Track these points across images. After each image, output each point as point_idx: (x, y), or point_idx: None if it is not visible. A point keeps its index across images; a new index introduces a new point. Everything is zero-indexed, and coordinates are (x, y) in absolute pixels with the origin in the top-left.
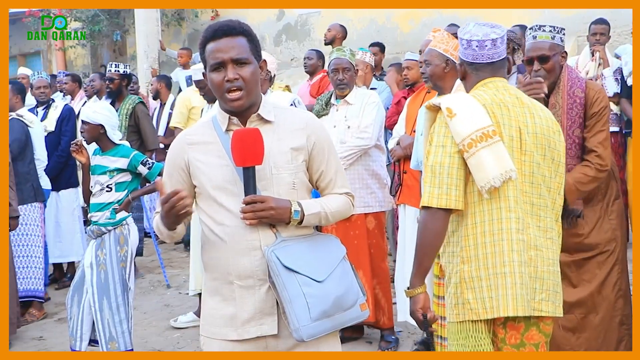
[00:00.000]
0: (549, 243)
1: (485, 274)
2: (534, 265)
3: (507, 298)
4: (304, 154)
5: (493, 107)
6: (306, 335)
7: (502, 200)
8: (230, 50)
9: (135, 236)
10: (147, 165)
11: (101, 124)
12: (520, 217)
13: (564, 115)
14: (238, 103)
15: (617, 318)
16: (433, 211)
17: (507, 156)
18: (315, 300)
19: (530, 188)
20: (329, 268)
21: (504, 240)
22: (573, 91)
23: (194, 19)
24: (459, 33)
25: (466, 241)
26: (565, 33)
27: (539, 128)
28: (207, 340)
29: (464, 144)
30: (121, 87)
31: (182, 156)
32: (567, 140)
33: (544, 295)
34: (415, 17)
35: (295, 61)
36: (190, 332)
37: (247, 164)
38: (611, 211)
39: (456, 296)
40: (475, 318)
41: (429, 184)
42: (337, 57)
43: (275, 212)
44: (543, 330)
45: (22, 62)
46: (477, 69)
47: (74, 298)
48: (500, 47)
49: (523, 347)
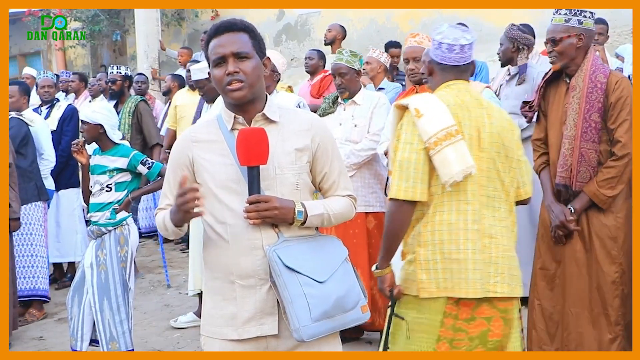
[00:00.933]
0: (504, 231)
1: (441, 257)
2: (488, 251)
3: (461, 282)
4: (308, 155)
5: (456, 108)
6: (306, 336)
7: (460, 194)
8: (231, 45)
9: (136, 236)
10: (147, 164)
11: (100, 124)
12: (476, 208)
13: (583, 99)
14: (239, 94)
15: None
16: (400, 203)
17: (468, 153)
18: (316, 301)
19: (487, 182)
20: (331, 269)
21: (460, 229)
22: (595, 76)
23: (194, 19)
24: (433, 32)
25: (425, 227)
26: (587, 15)
27: (495, 128)
28: (207, 340)
29: (430, 142)
30: (123, 88)
31: (187, 153)
32: (583, 124)
33: (498, 278)
34: (415, 17)
35: (295, 61)
36: (190, 332)
37: (252, 163)
38: (619, 209)
39: (409, 273)
40: (427, 296)
41: (397, 178)
42: (334, 62)
43: (279, 212)
44: (497, 306)
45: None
46: (443, 69)
47: (74, 298)
48: (467, 52)
49: (473, 321)
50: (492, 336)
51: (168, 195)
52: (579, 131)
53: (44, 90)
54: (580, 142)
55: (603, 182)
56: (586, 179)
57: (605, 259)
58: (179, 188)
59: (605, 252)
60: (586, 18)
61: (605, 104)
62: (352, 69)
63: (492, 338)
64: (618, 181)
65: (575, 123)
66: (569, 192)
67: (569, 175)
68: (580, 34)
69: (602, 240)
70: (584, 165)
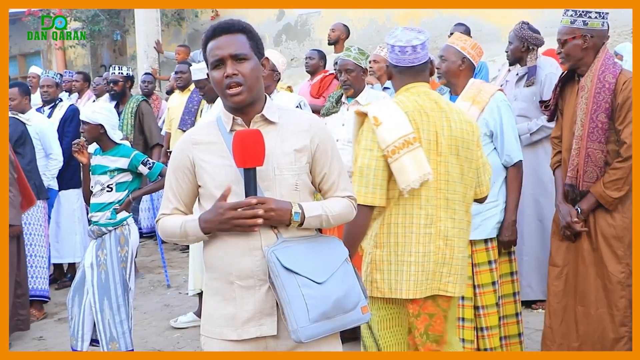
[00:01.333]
0: (461, 233)
1: (395, 259)
2: (443, 252)
3: (409, 283)
4: (307, 155)
5: (414, 114)
6: (304, 337)
7: (415, 199)
8: (229, 47)
9: (136, 236)
10: (148, 165)
11: (101, 124)
12: (429, 213)
13: (590, 99)
14: (238, 98)
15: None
16: (360, 207)
17: (425, 161)
18: (314, 302)
19: (445, 185)
20: (330, 270)
21: (412, 233)
22: (604, 76)
23: (194, 19)
24: (387, 37)
25: (381, 229)
26: (592, 15)
27: (454, 131)
28: (207, 340)
29: (388, 150)
30: (125, 88)
31: (188, 155)
32: (590, 124)
33: (451, 278)
34: (415, 17)
35: (295, 61)
36: (190, 332)
37: (248, 165)
38: (626, 209)
39: (367, 274)
40: (380, 296)
41: (357, 184)
42: (342, 57)
43: (275, 214)
44: (441, 305)
45: (22, 62)
46: (400, 71)
47: (75, 298)
48: (420, 52)
49: (419, 317)
50: (431, 330)
51: (172, 200)
52: (585, 131)
53: (43, 89)
54: (587, 142)
55: (609, 184)
56: (593, 179)
57: (611, 259)
58: (227, 193)
59: (611, 252)
60: (592, 19)
61: (613, 105)
62: (359, 67)
63: (432, 332)
64: (624, 182)
65: (582, 123)
66: (575, 192)
67: (576, 175)
68: (585, 35)
69: (607, 240)
70: (591, 165)
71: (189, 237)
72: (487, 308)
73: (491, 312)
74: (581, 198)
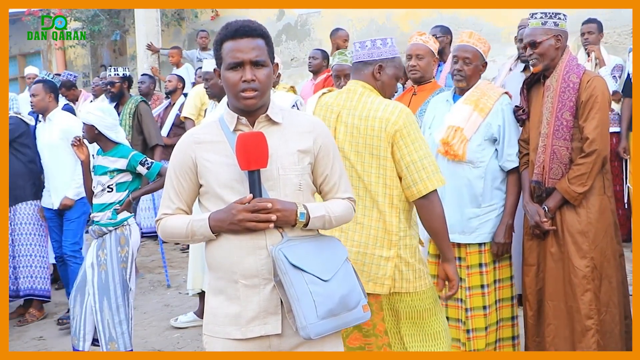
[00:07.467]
0: (358, 227)
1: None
2: None
3: None
4: (310, 156)
5: (320, 109)
6: (313, 334)
7: None
8: (250, 52)
9: (137, 237)
10: (146, 165)
11: (93, 125)
12: None
13: (556, 98)
14: (251, 102)
15: None
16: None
17: None
18: (322, 299)
19: None
20: (334, 268)
21: None
22: (568, 76)
23: (194, 19)
24: None
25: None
26: (561, 17)
27: (356, 129)
28: (210, 339)
29: None
30: (122, 89)
31: (190, 155)
32: (555, 122)
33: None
34: (415, 17)
35: (295, 61)
36: (190, 332)
37: (252, 167)
38: (591, 204)
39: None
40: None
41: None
42: (338, 62)
43: (282, 215)
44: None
45: (22, 62)
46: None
47: (76, 298)
48: (360, 51)
49: None
50: (364, 324)
51: (174, 199)
52: (551, 129)
53: None
54: (553, 139)
55: (574, 179)
56: (558, 175)
57: (576, 254)
58: (248, 200)
59: (576, 247)
60: (561, 20)
61: (577, 103)
62: None
63: (365, 326)
64: (588, 177)
65: (548, 121)
66: (541, 189)
67: (542, 171)
68: (558, 35)
69: (572, 235)
70: (556, 162)
71: (195, 237)
72: (473, 310)
73: (477, 314)
74: (547, 196)
